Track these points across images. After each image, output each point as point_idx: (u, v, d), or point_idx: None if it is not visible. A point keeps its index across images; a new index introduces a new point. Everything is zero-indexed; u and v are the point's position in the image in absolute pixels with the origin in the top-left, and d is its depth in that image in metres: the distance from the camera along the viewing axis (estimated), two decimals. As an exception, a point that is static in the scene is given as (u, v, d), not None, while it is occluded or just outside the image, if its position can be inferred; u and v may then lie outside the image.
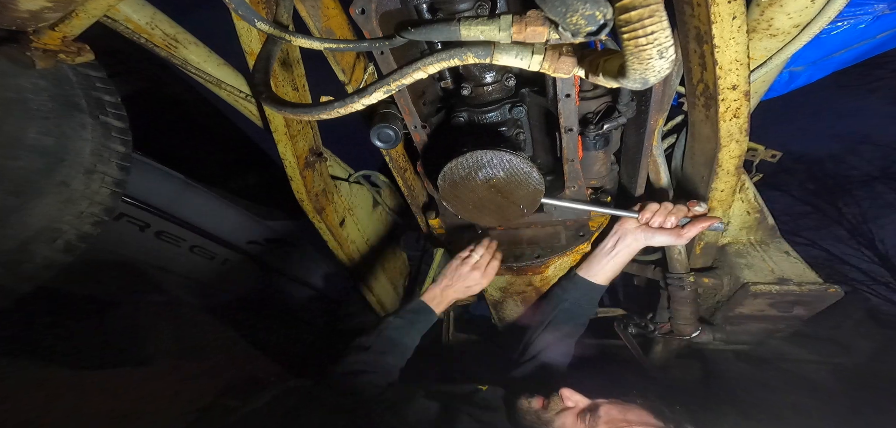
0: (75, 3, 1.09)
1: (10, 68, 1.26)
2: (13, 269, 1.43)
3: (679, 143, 1.40)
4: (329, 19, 1.08)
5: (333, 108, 0.73)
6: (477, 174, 1.04)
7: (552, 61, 0.68)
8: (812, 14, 0.93)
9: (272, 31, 0.83)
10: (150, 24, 1.33)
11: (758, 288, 1.36)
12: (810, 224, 10.16)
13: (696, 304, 1.54)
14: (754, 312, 1.47)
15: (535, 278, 1.47)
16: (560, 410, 1.10)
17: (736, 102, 0.97)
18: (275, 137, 1.42)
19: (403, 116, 1.15)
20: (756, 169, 1.60)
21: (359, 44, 0.87)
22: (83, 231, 1.53)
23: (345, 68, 1.23)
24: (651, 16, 0.51)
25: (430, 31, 0.73)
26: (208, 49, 1.50)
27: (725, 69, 0.90)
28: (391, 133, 1.13)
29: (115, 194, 1.59)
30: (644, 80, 0.58)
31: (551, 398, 1.13)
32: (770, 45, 1.01)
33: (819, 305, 1.40)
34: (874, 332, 2.66)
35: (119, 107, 1.57)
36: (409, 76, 0.70)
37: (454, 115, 1.15)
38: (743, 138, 1.06)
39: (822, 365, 2.28)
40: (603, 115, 1.12)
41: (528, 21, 0.64)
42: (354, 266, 1.93)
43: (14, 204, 1.41)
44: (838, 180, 10.28)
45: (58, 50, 1.18)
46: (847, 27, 1.22)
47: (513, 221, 1.26)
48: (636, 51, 0.54)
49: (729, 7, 0.80)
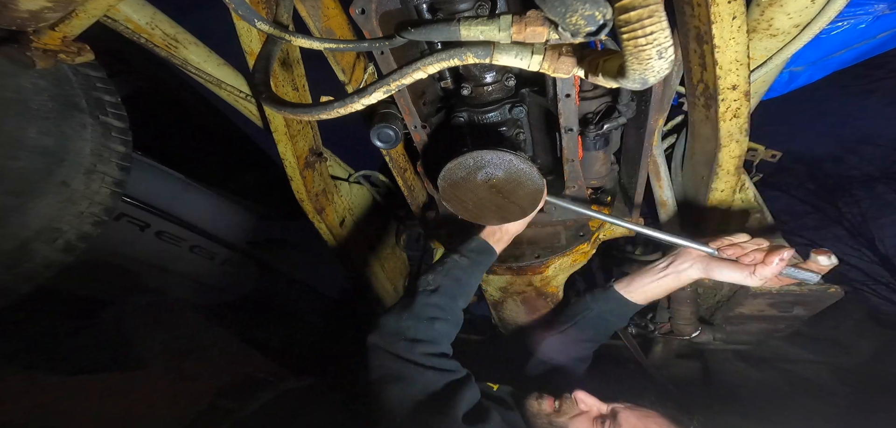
0: (75, 3, 1.09)
1: (10, 68, 1.26)
2: (13, 269, 1.43)
3: (679, 143, 1.41)
4: (329, 19, 1.08)
5: (333, 108, 0.73)
6: (477, 174, 1.04)
7: (552, 61, 0.68)
8: (812, 14, 0.93)
9: (272, 31, 0.83)
10: (150, 24, 1.33)
11: (758, 288, 1.36)
12: (810, 224, 10.16)
13: (696, 304, 1.54)
14: (754, 312, 1.47)
15: (535, 278, 1.47)
16: (574, 415, 1.05)
17: (736, 102, 0.97)
18: (275, 137, 1.42)
19: (403, 116, 1.15)
20: (756, 169, 1.60)
21: (359, 44, 0.87)
22: (83, 231, 1.53)
23: (345, 68, 1.23)
24: (650, 16, 0.51)
25: (430, 31, 0.73)
26: (208, 49, 1.50)
27: (725, 69, 0.90)
28: (391, 133, 1.13)
29: (115, 194, 1.59)
30: (643, 81, 0.58)
31: (563, 400, 1.08)
32: (770, 45, 1.01)
33: (819, 305, 1.40)
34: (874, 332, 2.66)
35: (119, 107, 1.57)
36: (409, 76, 0.70)
37: (454, 115, 1.15)
38: (743, 138, 1.06)
39: (822, 365, 2.29)
40: (603, 115, 1.12)
41: (527, 21, 0.64)
42: (354, 266, 1.93)
43: (14, 204, 1.41)
44: (838, 180, 10.28)
45: (58, 50, 1.18)
46: (847, 27, 1.22)
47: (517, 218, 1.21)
48: (635, 51, 0.54)
49: (729, 7, 0.80)
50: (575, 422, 1.03)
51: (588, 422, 1.03)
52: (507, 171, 1.03)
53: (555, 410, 1.07)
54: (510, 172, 1.03)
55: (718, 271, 1.07)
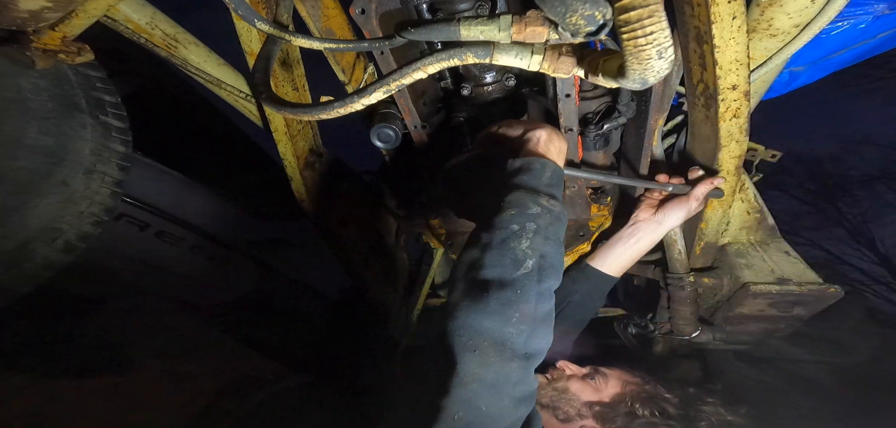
0: (75, 3, 1.09)
1: (10, 68, 1.26)
2: (13, 269, 1.43)
3: (679, 143, 1.40)
4: (329, 19, 1.08)
5: (333, 108, 0.73)
6: (477, 174, 1.04)
7: (552, 61, 0.68)
8: (812, 14, 0.92)
9: (272, 31, 0.83)
10: (150, 24, 1.33)
11: (758, 288, 1.36)
12: (810, 224, 10.17)
13: (696, 304, 1.54)
14: (754, 312, 1.47)
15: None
16: (567, 378, 1.15)
17: (736, 102, 0.97)
18: (275, 137, 1.42)
19: (403, 116, 1.15)
20: (756, 169, 1.60)
21: (359, 44, 0.87)
22: (83, 231, 1.53)
23: (345, 68, 1.23)
24: (650, 16, 0.51)
25: (430, 31, 0.73)
26: (208, 49, 1.50)
27: (725, 69, 0.90)
28: (391, 133, 1.13)
29: (115, 194, 1.60)
30: (643, 81, 0.58)
31: (552, 372, 1.17)
32: (770, 45, 1.01)
33: (819, 305, 1.40)
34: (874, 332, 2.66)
35: (119, 107, 1.57)
36: (408, 76, 0.70)
37: (454, 115, 1.15)
38: (743, 138, 1.06)
39: (822, 365, 2.29)
40: (603, 115, 1.12)
41: (527, 21, 0.64)
42: (354, 266, 1.93)
43: (14, 204, 1.41)
44: (838, 180, 10.28)
45: (58, 50, 1.18)
46: (847, 27, 1.22)
47: None
48: (635, 51, 0.54)
49: (729, 7, 0.80)
50: (571, 382, 1.14)
51: (580, 380, 1.15)
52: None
53: (551, 378, 1.16)
54: (510, 172, 1.03)
55: (670, 214, 1.20)
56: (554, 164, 0.79)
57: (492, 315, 0.63)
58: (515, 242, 0.69)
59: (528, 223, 0.70)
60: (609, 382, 1.15)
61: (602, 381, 1.15)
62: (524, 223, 0.70)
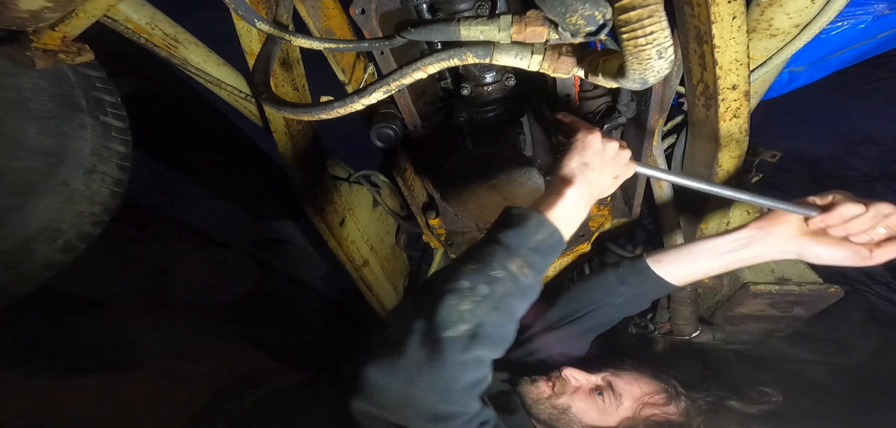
0: (75, 3, 1.09)
1: (10, 68, 1.26)
2: (13, 269, 1.43)
3: (679, 143, 1.40)
4: (329, 19, 1.08)
5: (333, 108, 0.73)
6: (477, 174, 1.04)
7: (552, 61, 0.68)
8: (812, 14, 0.93)
9: (272, 31, 0.83)
10: (150, 24, 1.33)
11: (758, 288, 1.36)
12: (810, 224, 10.14)
13: (696, 304, 1.54)
14: (754, 312, 1.47)
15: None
16: (571, 392, 0.98)
17: (736, 102, 0.97)
18: (275, 137, 1.42)
19: (403, 116, 1.15)
20: (756, 169, 1.60)
21: (359, 44, 0.87)
22: (83, 231, 1.53)
23: (345, 68, 1.23)
24: (650, 16, 0.51)
25: (430, 31, 0.73)
26: (208, 49, 1.50)
27: (725, 69, 0.90)
28: (391, 133, 1.13)
29: (115, 194, 1.60)
30: (643, 81, 0.58)
31: (556, 381, 1.00)
32: (770, 45, 1.01)
33: (819, 305, 1.40)
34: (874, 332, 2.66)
35: (119, 107, 1.57)
36: (408, 76, 0.70)
37: (454, 115, 1.15)
38: (743, 138, 1.06)
39: (822, 365, 2.29)
40: (603, 115, 1.12)
41: (527, 21, 0.64)
42: (354, 266, 1.93)
43: (14, 204, 1.41)
44: (838, 180, 10.27)
45: (58, 50, 1.18)
46: (847, 27, 1.22)
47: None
48: (635, 51, 0.54)
49: (729, 7, 0.80)
50: (575, 398, 0.97)
51: (586, 395, 0.97)
52: (507, 171, 1.03)
53: (553, 392, 0.99)
54: (510, 173, 1.03)
55: (823, 251, 0.84)
56: (555, 229, 0.72)
57: (398, 375, 0.63)
58: (457, 299, 0.64)
59: (481, 286, 0.66)
60: (621, 402, 0.96)
61: (612, 401, 0.96)
62: (476, 285, 0.66)
